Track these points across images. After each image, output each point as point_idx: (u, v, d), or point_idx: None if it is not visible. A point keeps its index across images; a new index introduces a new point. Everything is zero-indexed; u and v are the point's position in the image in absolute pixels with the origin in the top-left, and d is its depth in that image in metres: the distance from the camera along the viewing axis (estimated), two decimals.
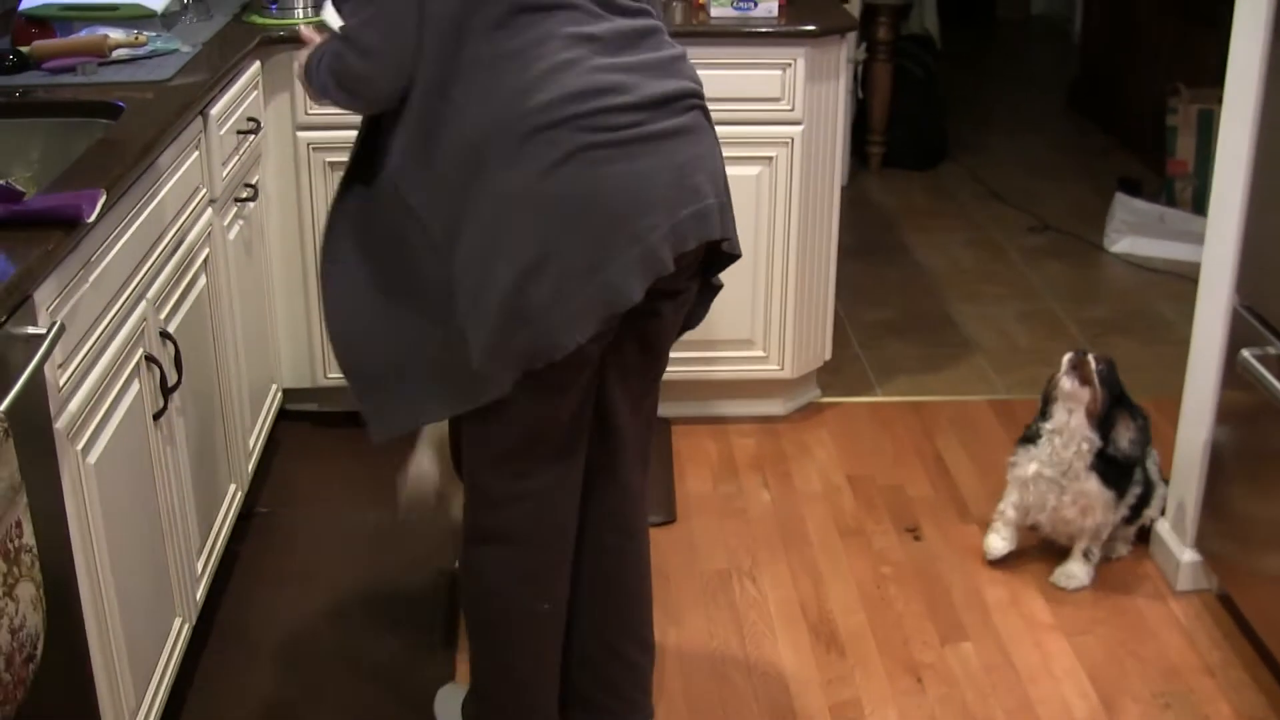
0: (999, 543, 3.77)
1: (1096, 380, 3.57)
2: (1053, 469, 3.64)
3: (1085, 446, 3.59)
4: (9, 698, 2.00)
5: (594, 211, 2.45)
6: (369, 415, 2.66)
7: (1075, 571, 3.69)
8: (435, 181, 2.49)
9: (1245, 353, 3.22)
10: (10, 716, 2.02)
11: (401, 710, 3.21)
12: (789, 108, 4.11)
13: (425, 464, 3.23)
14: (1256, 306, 3.30)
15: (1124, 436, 3.59)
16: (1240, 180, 3.32)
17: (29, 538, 2.08)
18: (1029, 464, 3.69)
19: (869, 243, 6.05)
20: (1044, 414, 3.67)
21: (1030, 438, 3.70)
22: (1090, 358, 3.60)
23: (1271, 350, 3.18)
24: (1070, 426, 3.60)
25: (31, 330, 2.30)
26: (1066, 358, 3.62)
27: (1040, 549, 3.81)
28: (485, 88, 2.43)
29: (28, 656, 2.05)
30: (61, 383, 2.44)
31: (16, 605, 2.01)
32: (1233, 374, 3.36)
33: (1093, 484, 3.60)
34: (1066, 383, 3.60)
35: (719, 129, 4.05)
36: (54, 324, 2.33)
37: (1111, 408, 3.59)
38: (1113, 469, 3.61)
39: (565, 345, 2.49)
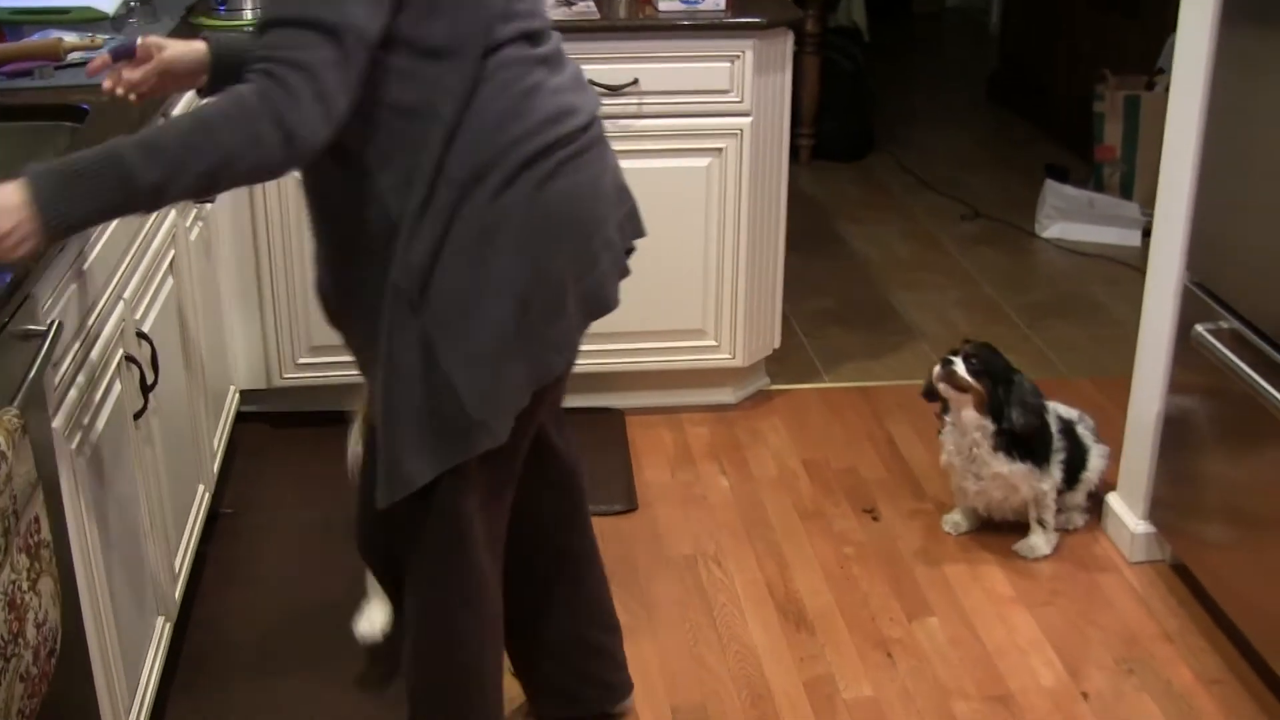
0: (954, 519, 3.93)
1: (970, 380, 3.66)
2: (960, 458, 3.76)
3: (978, 434, 3.70)
4: (35, 691, 2.03)
5: (572, 226, 2.48)
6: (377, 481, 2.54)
7: (1036, 543, 3.79)
8: (414, 229, 2.37)
9: (1199, 328, 3.31)
10: (37, 711, 2.05)
11: (374, 708, 3.24)
12: (738, 99, 4.17)
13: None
14: (1207, 283, 3.40)
15: (1015, 412, 3.67)
16: (1189, 160, 3.41)
17: (47, 533, 2.11)
18: (943, 453, 3.84)
19: (804, 234, 6.10)
20: (944, 408, 3.78)
21: (941, 430, 3.84)
22: (957, 364, 3.68)
23: (1224, 324, 3.28)
24: (963, 420, 3.72)
25: (32, 328, 2.33)
26: (935, 370, 3.71)
27: (996, 525, 3.89)
28: (467, 120, 2.35)
29: (50, 650, 2.08)
30: (57, 381, 2.46)
31: (40, 600, 2.04)
32: (1185, 349, 3.45)
33: (1001, 464, 3.71)
34: (943, 389, 3.70)
35: (669, 121, 4.17)
36: (52, 322, 2.36)
37: (998, 388, 3.68)
38: (1020, 443, 3.70)
39: (560, 365, 2.54)
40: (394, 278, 2.37)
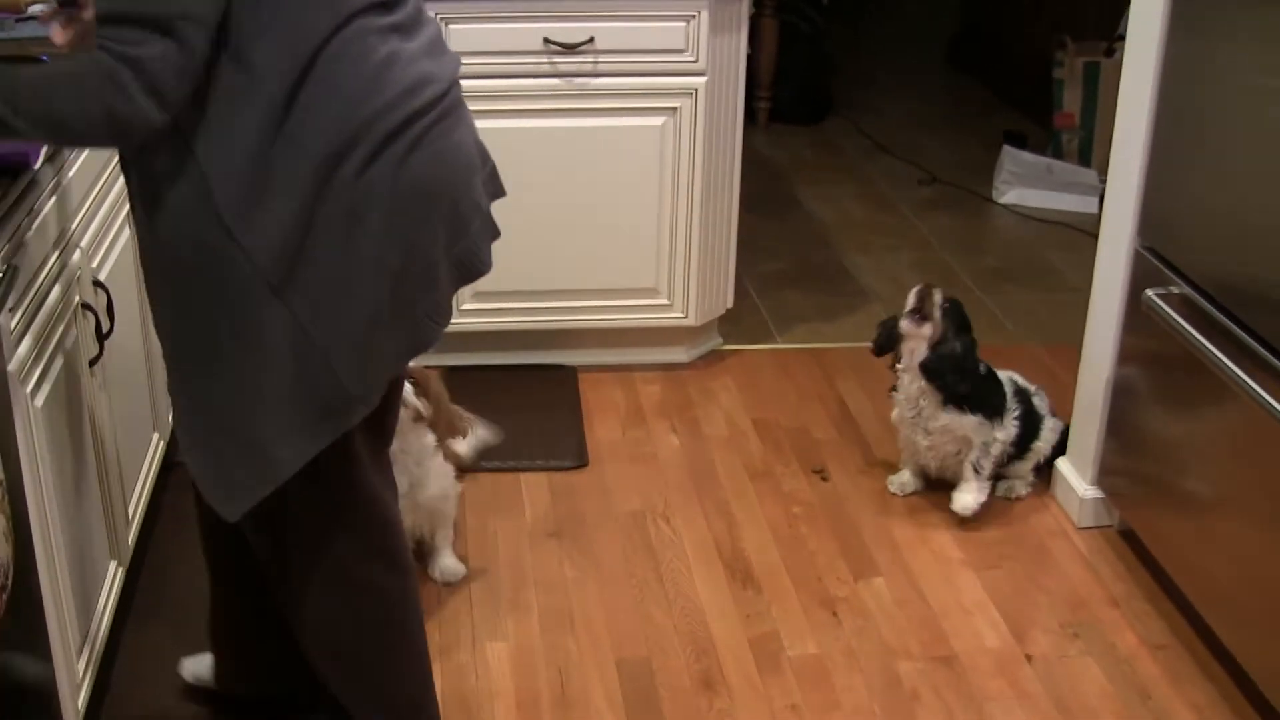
0: (900, 480, 3.95)
1: (938, 314, 3.68)
2: (910, 410, 3.78)
3: (926, 383, 3.73)
4: None
5: (440, 195, 2.44)
6: (218, 498, 2.47)
7: (966, 493, 3.79)
8: (268, 207, 2.27)
9: (1149, 292, 3.32)
10: None
11: None
12: (693, 59, 4.16)
13: None
14: (1158, 248, 3.41)
15: (946, 346, 3.71)
16: (1141, 126, 3.41)
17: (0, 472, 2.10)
18: (894, 409, 3.86)
19: (760, 196, 6.12)
20: (896, 358, 3.80)
21: (895, 386, 3.85)
22: (936, 292, 3.71)
23: (1175, 290, 3.29)
24: (914, 359, 3.73)
25: None
26: (913, 291, 3.73)
27: (946, 488, 3.90)
28: (323, 96, 2.27)
29: (1, 586, 2.07)
30: (12, 326, 2.45)
31: None
32: (1135, 315, 3.46)
33: (950, 415, 3.73)
34: (905, 324, 3.72)
35: (624, 80, 4.16)
36: (5, 268, 2.34)
37: (954, 337, 3.71)
38: (971, 396, 3.73)
39: (436, 333, 2.52)
40: (252, 258, 2.28)
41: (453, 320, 2.98)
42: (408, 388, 3.27)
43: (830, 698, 3.16)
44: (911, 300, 3.72)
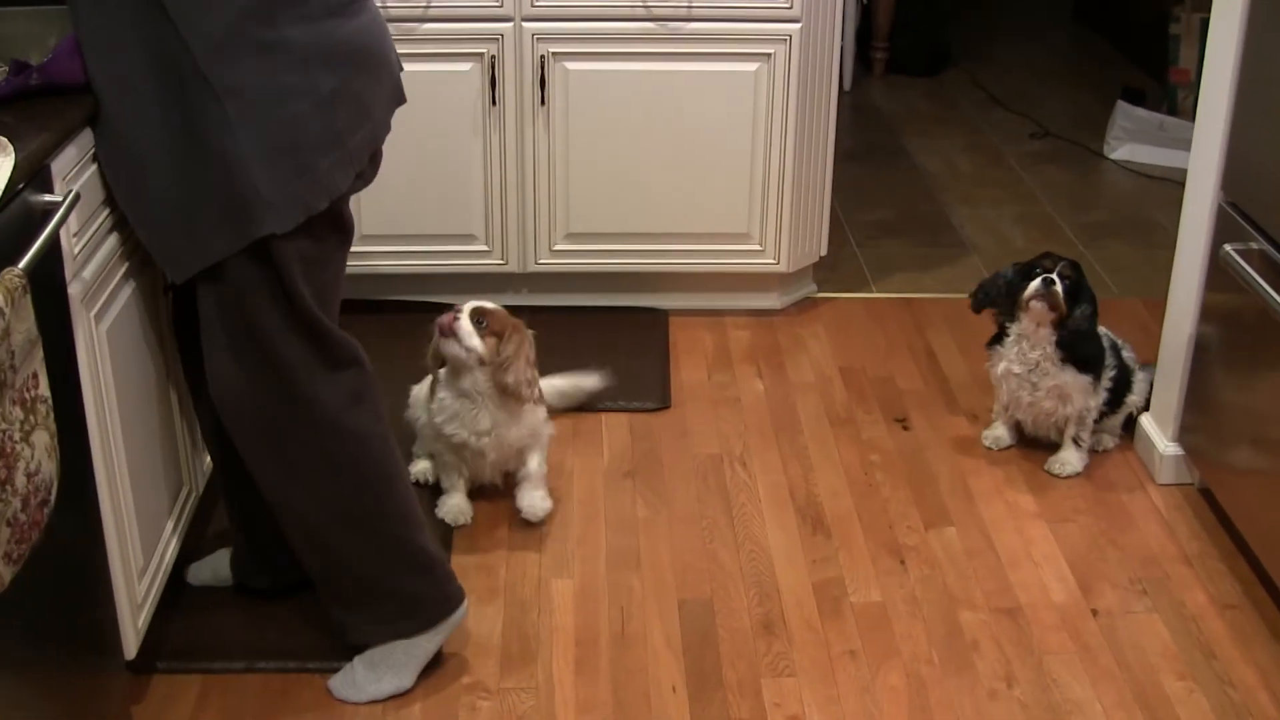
0: (995, 434, 3.93)
1: (1063, 303, 3.66)
2: (1021, 366, 3.75)
3: (1050, 348, 3.71)
4: (25, 538, 2.10)
5: (368, 55, 2.69)
6: (164, 261, 2.69)
7: (1068, 458, 3.79)
8: (218, 31, 2.50)
9: (1228, 247, 3.29)
10: (26, 556, 2.12)
11: None
12: (787, 5, 4.16)
13: None
14: (1240, 203, 3.37)
15: (1077, 319, 3.68)
16: (1227, 80, 3.38)
17: (44, 389, 2.17)
18: (999, 363, 3.81)
19: (870, 146, 6.11)
20: (1011, 315, 3.76)
21: (998, 337, 3.81)
22: (1058, 284, 3.67)
23: (1254, 245, 3.25)
24: (1038, 334, 3.70)
25: (48, 198, 2.39)
26: (1033, 285, 3.69)
27: (1026, 442, 3.90)
28: None
29: (42, 500, 2.14)
30: (77, 250, 2.52)
31: (32, 451, 2.11)
32: (1216, 270, 3.43)
33: (1068, 374, 3.70)
34: (1037, 305, 3.68)
35: (718, 25, 4.17)
36: (70, 192, 2.41)
37: (1075, 306, 3.69)
38: (1081, 355, 3.71)
39: (346, 182, 2.68)
40: (190, 48, 2.49)
41: (545, 261, 3.04)
42: (466, 328, 3.33)
43: (889, 644, 3.18)
44: (1036, 290, 3.69)
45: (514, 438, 3.49)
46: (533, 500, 3.55)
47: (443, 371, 3.46)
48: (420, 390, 3.69)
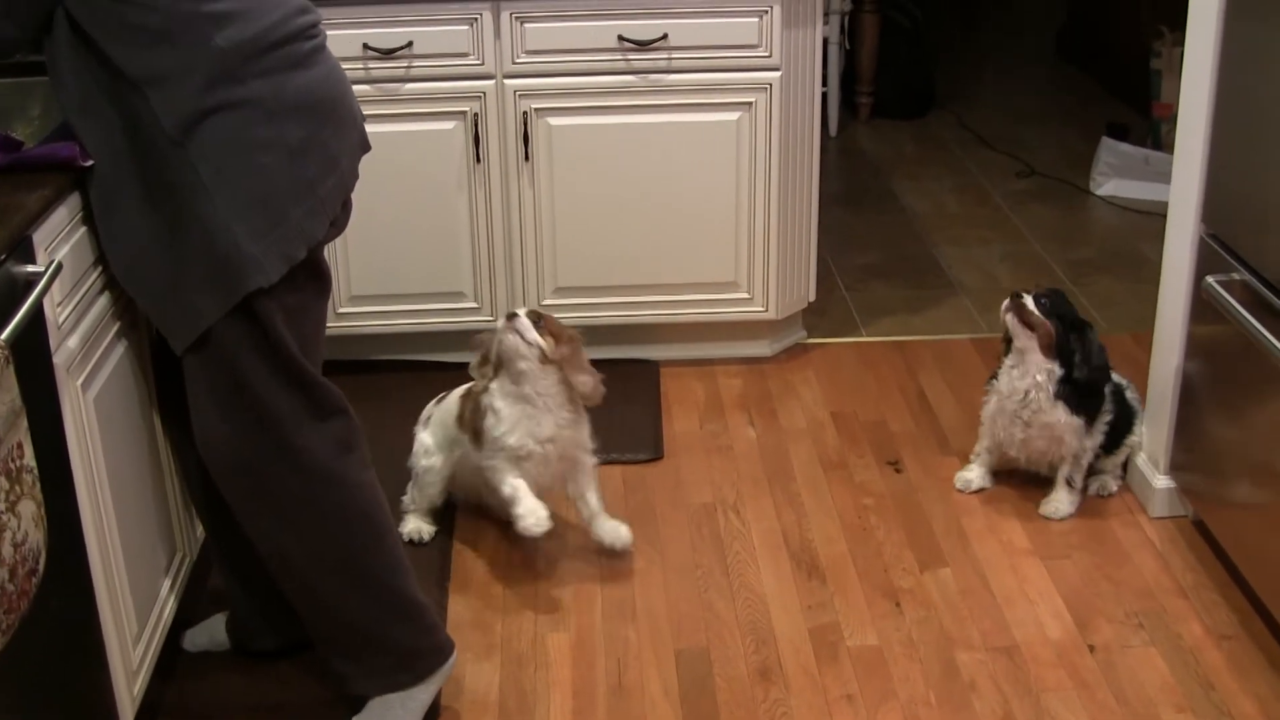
0: (967, 476, 3.92)
1: (1039, 317, 3.66)
2: (1012, 402, 3.74)
3: (1042, 378, 3.69)
4: (14, 608, 2.10)
5: (332, 105, 2.71)
6: (166, 333, 2.70)
7: (1059, 502, 3.78)
8: (184, 99, 2.52)
9: (1210, 279, 3.30)
10: (15, 626, 2.12)
11: None
12: (766, 54, 4.18)
13: None
14: (1220, 234, 3.39)
15: (1088, 359, 3.67)
16: (1203, 112, 3.40)
17: (30, 459, 2.18)
18: (992, 399, 3.82)
19: (857, 190, 6.14)
20: (1006, 349, 3.77)
21: (996, 375, 3.82)
22: (1027, 299, 3.68)
23: (1235, 276, 3.27)
24: (1026, 359, 3.70)
25: (30, 269, 2.40)
26: (1005, 303, 3.71)
27: (1020, 479, 3.90)
28: (226, 15, 2.53)
29: (30, 570, 2.15)
30: (61, 319, 2.53)
31: (19, 521, 2.11)
32: (1200, 302, 3.44)
33: (1059, 413, 3.69)
34: (1010, 321, 3.69)
35: (698, 76, 4.20)
36: (52, 263, 2.43)
37: (1069, 333, 3.68)
38: (1078, 395, 3.70)
39: (321, 230, 2.70)
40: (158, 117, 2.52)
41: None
42: (526, 323, 3.38)
43: (886, 687, 3.18)
44: (1006, 307, 3.70)
45: (572, 443, 3.51)
46: (615, 529, 3.59)
47: (494, 385, 3.46)
48: (442, 411, 3.70)
